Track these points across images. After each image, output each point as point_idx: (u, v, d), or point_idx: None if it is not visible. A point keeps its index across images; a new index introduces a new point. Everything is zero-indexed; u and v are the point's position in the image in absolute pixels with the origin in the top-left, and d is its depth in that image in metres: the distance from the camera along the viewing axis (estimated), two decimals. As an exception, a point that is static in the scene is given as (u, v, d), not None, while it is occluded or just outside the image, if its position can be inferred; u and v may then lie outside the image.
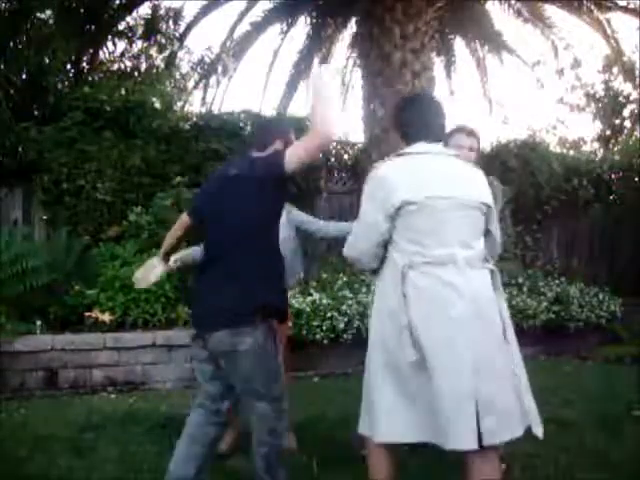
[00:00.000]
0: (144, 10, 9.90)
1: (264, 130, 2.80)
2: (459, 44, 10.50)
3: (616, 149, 10.68)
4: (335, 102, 2.25)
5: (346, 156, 8.06)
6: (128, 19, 9.72)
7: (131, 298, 5.57)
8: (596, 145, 11.91)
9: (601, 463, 3.32)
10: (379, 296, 2.47)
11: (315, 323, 5.57)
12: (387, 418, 2.31)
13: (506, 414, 2.27)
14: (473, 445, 2.17)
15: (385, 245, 2.41)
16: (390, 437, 2.32)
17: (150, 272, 3.00)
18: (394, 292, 2.33)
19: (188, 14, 10.22)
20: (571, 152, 10.20)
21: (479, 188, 2.47)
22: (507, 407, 2.28)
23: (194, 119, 7.44)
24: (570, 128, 14.35)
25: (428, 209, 2.33)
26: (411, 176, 2.39)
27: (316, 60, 10.49)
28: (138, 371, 5.29)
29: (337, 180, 7.94)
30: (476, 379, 2.21)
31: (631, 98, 11.76)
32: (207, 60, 10.30)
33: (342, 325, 5.65)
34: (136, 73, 10.08)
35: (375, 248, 2.42)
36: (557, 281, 7.21)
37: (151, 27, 9.91)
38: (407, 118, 2.58)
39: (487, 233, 2.52)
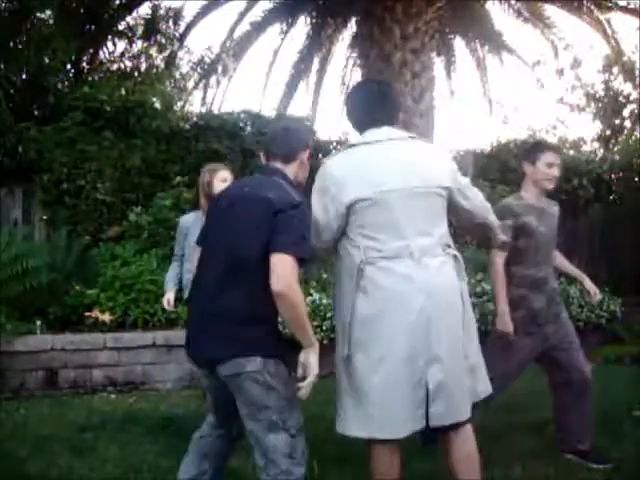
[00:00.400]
0: (144, 10, 9.91)
1: (289, 140, 2.44)
2: (459, 44, 10.52)
3: (616, 149, 10.65)
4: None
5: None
6: (128, 19, 9.73)
7: (131, 298, 5.57)
8: (596, 145, 11.88)
9: (601, 463, 3.32)
10: (338, 292, 2.46)
11: (315, 323, 5.55)
12: (351, 410, 2.39)
13: (456, 398, 2.30)
14: (422, 424, 2.26)
15: (338, 241, 2.41)
16: (351, 431, 2.38)
17: None
18: (352, 288, 2.33)
19: (188, 14, 10.23)
20: (571, 152, 10.17)
21: (435, 172, 2.40)
22: (458, 391, 2.31)
23: (194, 119, 7.45)
24: (570, 128, 14.32)
25: (381, 203, 2.29)
26: (361, 171, 2.34)
27: (316, 60, 10.49)
28: (138, 371, 5.29)
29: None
30: (429, 368, 2.25)
31: (631, 98, 11.74)
32: (207, 60, 10.30)
33: (342, 325, 5.64)
34: (136, 73, 10.07)
35: (329, 245, 2.43)
36: (557, 281, 7.19)
37: (151, 27, 9.90)
38: (352, 107, 2.56)
39: (470, 207, 2.51)
